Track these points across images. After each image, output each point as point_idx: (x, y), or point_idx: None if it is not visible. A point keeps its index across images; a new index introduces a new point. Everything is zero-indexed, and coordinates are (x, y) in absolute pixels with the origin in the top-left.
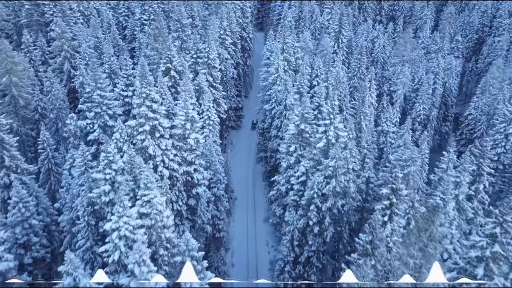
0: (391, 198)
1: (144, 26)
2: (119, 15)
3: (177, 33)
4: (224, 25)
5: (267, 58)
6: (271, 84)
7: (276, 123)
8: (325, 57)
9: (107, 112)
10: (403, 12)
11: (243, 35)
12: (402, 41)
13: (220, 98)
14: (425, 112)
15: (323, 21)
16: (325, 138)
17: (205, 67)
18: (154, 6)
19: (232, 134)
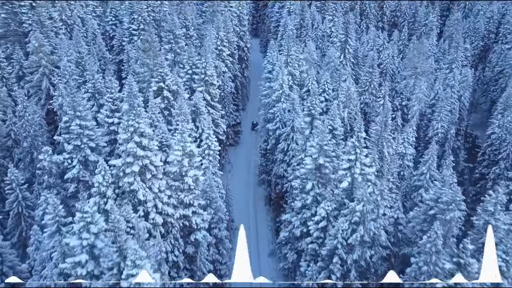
0: (456, 275)
1: (133, 37)
2: (106, 24)
3: (169, 45)
4: (221, 35)
5: (269, 72)
6: (275, 101)
7: (282, 146)
8: (332, 70)
9: (89, 145)
10: (405, 18)
11: (240, 44)
12: (415, 52)
13: (219, 118)
14: (443, 130)
15: (325, 28)
16: (350, 176)
17: (202, 84)
18: (144, 15)
19: (230, 151)
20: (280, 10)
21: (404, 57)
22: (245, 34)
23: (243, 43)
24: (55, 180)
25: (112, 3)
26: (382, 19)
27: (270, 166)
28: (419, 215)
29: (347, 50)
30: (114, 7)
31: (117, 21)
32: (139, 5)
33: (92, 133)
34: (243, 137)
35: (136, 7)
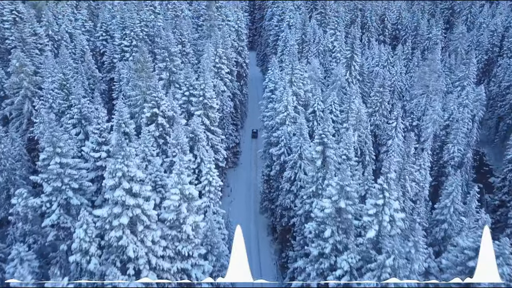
0: None
1: (125, 54)
2: (96, 39)
3: (164, 63)
4: (220, 52)
5: (271, 91)
6: (280, 124)
7: (289, 175)
8: (338, 89)
9: (71, 186)
10: (407, 31)
11: (239, 60)
12: (427, 70)
13: (219, 144)
14: (459, 154)
15: (327, 43)
16: (377, 223)
17: (200, 108)
18: (137, 30)
19: (229, 174)
20: (279, 23)
21: (408, 71)
22: (244, 49)
23: (242, 59)
24: (31, 227)
25: (103, 16)
26: (383, 32)
27: (274, 194)
28: (455, 265)
29: (353, 66)
30: (105, 21)
31: (108, 36)
32: (131, 20)
33: (74, 172)
34: (243, 157)
35: (129, 22)
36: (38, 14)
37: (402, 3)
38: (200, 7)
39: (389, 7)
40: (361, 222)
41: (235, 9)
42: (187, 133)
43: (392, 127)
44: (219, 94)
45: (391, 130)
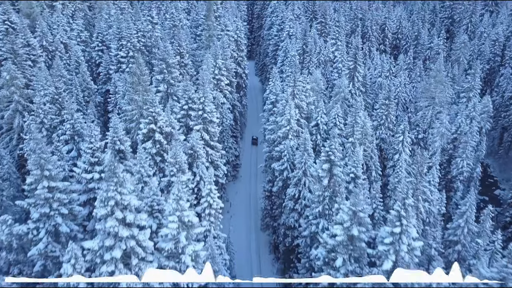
0: None
1: (121, 65)
2: (92, 50)
3: (162, 75)
4: (219, 63)
5: (271, 103)
6: (282, 138)
7: (293, 193)
8: (341, 101)
9: (60, 211)
10: (408, 41)
11: (238, 71)
12: (432, 81)
13: (219, 159)
14: (468, 169)
15: (328, 53)
16: (393, 253)
17: (199, 122)
18: (134, 41)
19: (228, 187)
20: (279, 33)
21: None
22: (243, 60)
23: (241, 69)
24: (16, 256)
25: (99, 26)
26: (384, 41)
27: (276, 211)
28: None
29: (356, 78)
30: (101, 31)
31: (104, 46)
32: (128, 30)
33: (64, 197)
34: (242, 169)
35: (125, 32)
36: (32, 24)
37: (402, 12)
38: (199, 16)
39: (389, 16)
40: (376, 251)
41: (234, 19)
42: (186, 149)
43: (399, 141)
44: (218, 107)
45: (398, 144)
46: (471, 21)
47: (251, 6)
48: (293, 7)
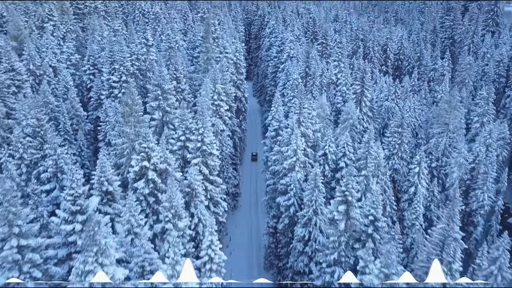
0: None
1: (113, 90)
2: (83, 73)
3: (157, 102)
4: (218, 88)
5: (275, 130)
6: (288, 170)
7: (302, 234)
8: (350, 128)
9: (32, 275)
10: (410, 62)
11: (238, 94)
12: (446, 106)
13: (219, 195)
14: (489, 202)
15: (331, 75)
16: None
17: (198, 155)
18: (127, 65)
19: (228, 220)
20: (279, 54)
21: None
22: (242, 83)
23: (240, 93)
24: None
25: (90, 49)
26: (386, 62)
27: (281, 250)
28: None
29: (363, 102)
30: (93, 54)
31: (96, 70)
32: (121, 54)
33: (37, 258)
34: (242, 199)
35: (118, 55)
36: (19, 47)
37: (404, 33)
38: (196, 38)
39: (391, 37)
40: None
41: (233, 40)
42: (183, 186)
43: (415, 173)
44: (217, 134)
45: (414, 176)
46: (473, 42)
47: (248, 27)
48: (293, 27)
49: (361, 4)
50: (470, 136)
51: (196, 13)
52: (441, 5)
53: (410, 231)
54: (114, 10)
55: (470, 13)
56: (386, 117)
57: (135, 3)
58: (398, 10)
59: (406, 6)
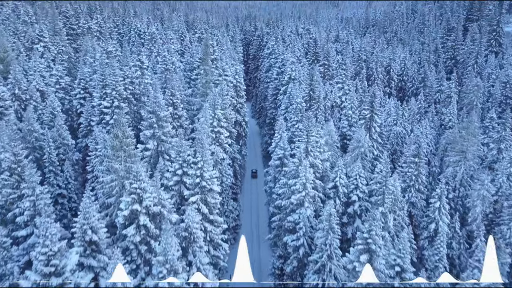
0: None
1: (105, 116)
2: (73, 97)
3: (151, 130)
4: (219, 114)
5: (279, 159)
6: (296, 205)
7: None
8: (361, 157)
9: None
10: (414, 83)
11: (238, 118)
12: (463, 133)
13: (219, 235)
14: None
15: (335, 98)
16: None
17: (196, 191)
18: (120, 89)
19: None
20: (279, 76)
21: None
22: (243, 106)
23: (241, 117)
24: None
25: (81, 72)
26: (389, 84)
27: None
28: None
29: (373, 128)
30: (84, 77)
31: (87, 94)
32: (113, 77)
33: None
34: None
35: (110, 79)
36: (5, 69)
37: (406, 53)
38: (193, 59)
39: (394, 58)
40: None
41: (232, 62)
42: (180, 230)
43: (435, 208)
44: (217, 164)
45: (434, 212)
46: (476, 62)
47: (246, 47)
48: (294, 48)
49: (359, 24)
50: (487, 163)
51: (194, 33)
52: (441, 26)
53: (433, 274)
54: (109, 30)
55: (471, 33)
56: (395, 142)
57: (131, 23)
58: (398, 30)
59: (404, 26)
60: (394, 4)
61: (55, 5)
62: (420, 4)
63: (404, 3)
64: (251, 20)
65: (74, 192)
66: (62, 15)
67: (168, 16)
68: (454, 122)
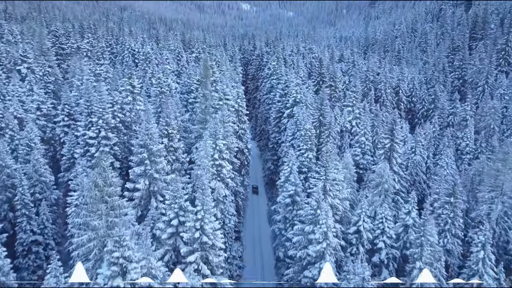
0: None
1: (90, 148)
2: (56, 125)
3: (142, 167)
4: (220, 144)
5: (290, 196)
6: (316, 257)
7: None
8: (385, 194)
9: None
10: (424, 104)
11: (240, 146)
12: (499, 165)
13: None
14: None
15: (345, 123)
16: None
17: (196, 248)
18: (107, 117)
19: None
20: (283, 99)
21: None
22: (245, 133)
23: (243, 144)
24: None
25: (66, 96)
26: (398, 106)
27: None
28: None
29: (394, 159)
30: (69, 102)
31: (72, 121)
32: (100, 104)
33: None
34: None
35: (97, 106)
36: None
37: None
38: (191, 80)
39: (403, 78)
40: None
41: (233, 84)
42: None
43: (478, 259)
44: (219, 203)
45: (477, 264)
46: (487, 82)
47: (245, 67)
48: (297, 69)
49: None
50: None
51: (191, 52)
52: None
53: None
54: (101, 50)
55: (478, 52)
56: (415, 173)
57: (124, 42)
58: (400, 49)
59: (406, 45)
60: (393, 23)
61: (44, 24)
62: (419, 23)
63: (404, 22)
64: (249, 39)
65: (52, 237)
66: (51, 34)
67: (164, 35)
68: (471, 148)
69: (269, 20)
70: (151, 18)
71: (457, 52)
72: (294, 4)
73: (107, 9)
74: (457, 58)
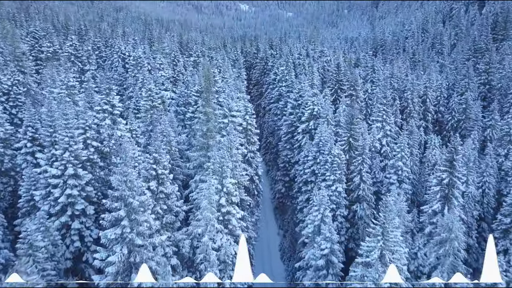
0: None
1: (53, 190)
2: (18, 152)
3: (118, 230)
4: (228, 185)
5: (323, 256)
6: None
7: None
8: (454, 256)
9: None
10: (454, 115)
11: (249, 172)
12: None
13: None
14: None
15: (374, 142)
16: None
17: None
18: (77, 148)
19: None
20: (296, 110)
21: None
22: (255, 156)
23: (253, 170)
24: None
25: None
26: (425, 116)
27: None
28: None
29: (455, 199)
30: (33, 124)
31: (36, 147)
32: (67, 132)
33: None
34: None
35: (62, 134)
36: None
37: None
38: (189, 91)
39: (430, 85)
40: None
41: (238, 95)
42: None
43: None
44: (227, 266)
45: None
46: None
47: (247, 71)
48: (312, 76)
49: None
50: None
51: (188, 56)
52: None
53: None
54: (87, 54)
55: (503, 55)
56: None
57: (114, 45)
58: (415, 51)
59: (421, 47)
60: (402, 23)
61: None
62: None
63: (415, 22)
64: (251, 41)
65: None
66: (30, 36)
67: (158, 37)
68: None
69: (268, 20)
70: (147, 19)
71: (479, 55)
72: (294, 4)
73: (101, 9)
74: (484, 61)
